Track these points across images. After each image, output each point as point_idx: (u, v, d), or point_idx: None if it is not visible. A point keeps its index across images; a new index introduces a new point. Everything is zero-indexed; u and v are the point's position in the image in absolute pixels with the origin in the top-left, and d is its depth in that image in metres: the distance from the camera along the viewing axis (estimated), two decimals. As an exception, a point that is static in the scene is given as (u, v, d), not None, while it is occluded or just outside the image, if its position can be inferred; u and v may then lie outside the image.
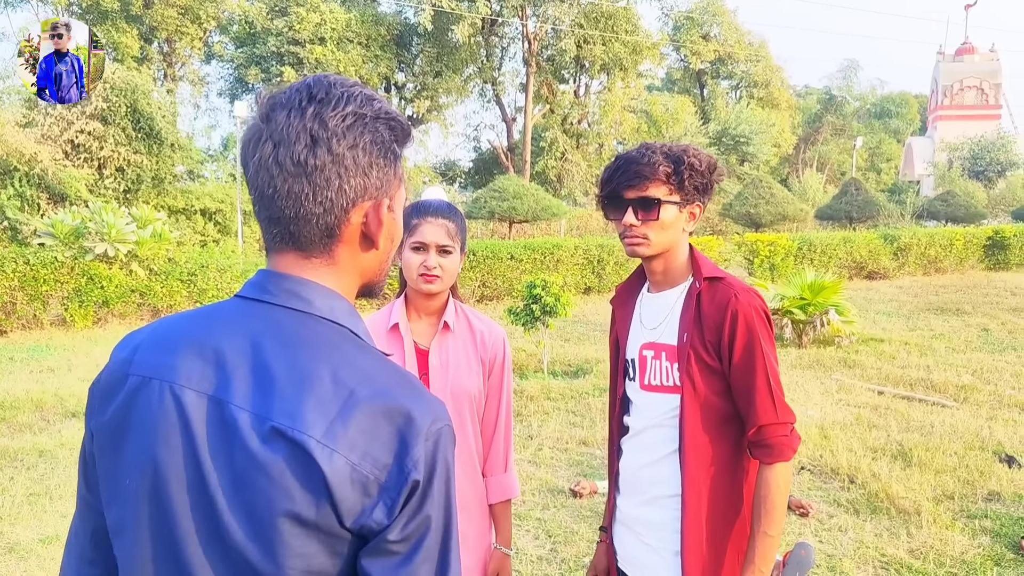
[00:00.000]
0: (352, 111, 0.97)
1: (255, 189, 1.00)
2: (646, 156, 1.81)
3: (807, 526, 4.42)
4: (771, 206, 25.56)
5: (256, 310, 0.99)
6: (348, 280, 1.04)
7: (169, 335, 1.00)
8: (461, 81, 36.70)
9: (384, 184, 1.02)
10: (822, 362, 8.87)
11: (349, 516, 0.88)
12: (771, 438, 1.78)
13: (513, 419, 2.31)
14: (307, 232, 0.99)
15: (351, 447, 0.88)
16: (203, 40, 31.90)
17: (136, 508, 0.94)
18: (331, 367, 0.93)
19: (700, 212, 1.89)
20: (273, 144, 0.96)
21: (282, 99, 0.98)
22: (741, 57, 44.63)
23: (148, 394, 0.95)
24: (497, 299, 14.64)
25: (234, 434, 0.90)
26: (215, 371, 0.94)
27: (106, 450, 0.98)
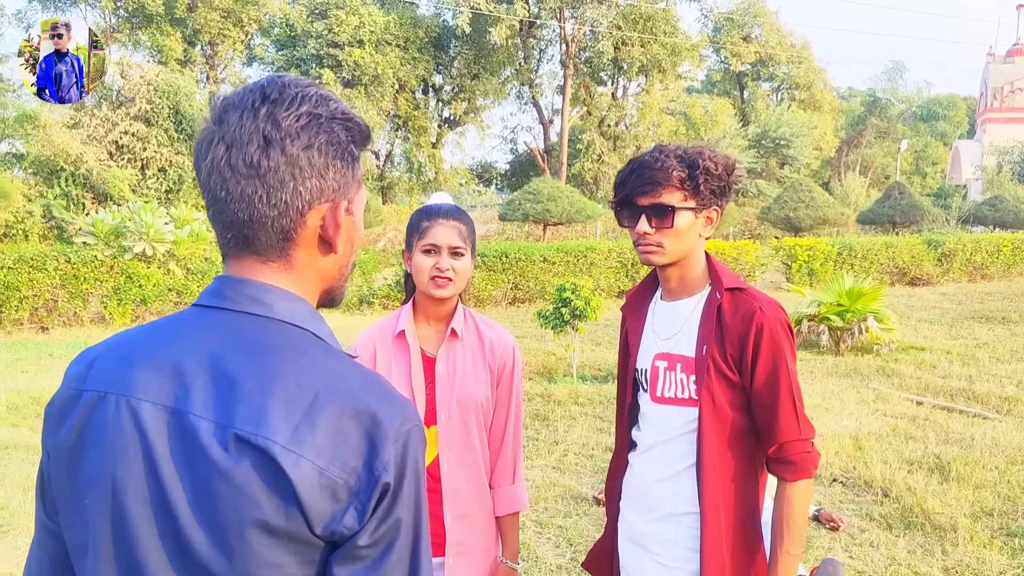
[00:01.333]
0: (307, 111, 0.94)
1: (208, 192, 0.97)
2: (659, 161, 1.74)
3: (837, 541, 4.29)
4: (811, 210, 25.10)
5: (216, 318, 0.96)
6: (307, 284, 1.01)
7: (125, 349, 0.97)
8: (498, 83, 36.76)
9: (342, 186, 0.99)
10: (859, 370, 8.65)
11: (319, 522, 0.86)
12: (793, 454, 1.72)
13: (523, 429, 2.24)
14: (262, 236, 0.96)
15: (318, 452, 0.86)
16: (245, 43, 32.38)
17: (96, 528, 0.91)
18: (295, 371, 0.90)
19: (718, 216, 1.82)
20: (225, 146, 0.93)
21: (235, 100, 0.95)
22: (783, 59, 44.00)
23: (104, 410, 0.92)
24: (529, 302, 14.58)
25: (195, 445, 0.87)
26: (173, 382, 0.90)
27: (63, 470, 0.95)
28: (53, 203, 20.42)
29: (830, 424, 6.52)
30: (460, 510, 2.10)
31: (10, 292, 11.26)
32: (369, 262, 14.59)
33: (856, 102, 54.32)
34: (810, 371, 8.74)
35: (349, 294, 13.49)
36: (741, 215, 30.97)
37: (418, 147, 34.90)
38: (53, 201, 20.51)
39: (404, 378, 2.08)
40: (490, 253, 14.62)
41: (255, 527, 0.85)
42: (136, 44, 30.95)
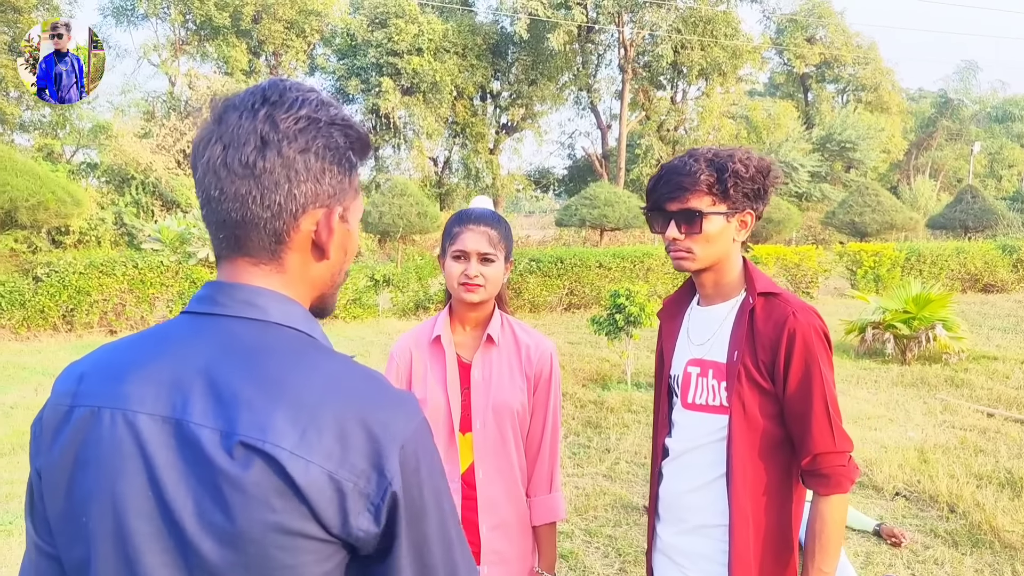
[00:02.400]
0: (305, 115, 0.94)
1: (202, 191, 0.96)
2: (688, 165, 1.70)
3: (899, 557, 4.11)
4: (877, 214, 24.41)
5: (208, 324, 0.94)
6: (299, 289, 0.99)
7: (115, 361, 0.95)
8: (556, 89, 36.73)
9: (337, 192, 0.98)
10: (926, 380, 8.34)
11: (333, 525, 0.85)
12: (827, 467, 1.64)
13: (575, 436, 2.19)
14: (254, 237, 0.95)
15: (327, 456, 0.85)
16: (307, 53, 33.05)
17: (97, 547, 0.88)
18: (296, 375, 0.89)
19: (752, 220, 1.76)
20: (223, 145, 0.92)
21: (236, 101, 0.95)
22: (849, 60, 42.91)
23: (99, 425, 0.89)
24: (585, 307, 14.49)
25: (199, 454, 0.85)
26: (169, 392, 0.88)
27: (57, 489, 0.92)
28: (124, 210, 21.17)
29: (894, 436, 6.29)
30: (496, 519, 2.06)
31: (81, 296, 11.68)
32: (425, 267, 14.68)
33: (926, 103, 52.57)
34: (874, 380, 8.47)
35: (406, 299, 13.61)
36: (804, 220, 30.28)
37: (476, 153, 35.08)
38: (124, 208, 21.27)
39: (439, 384, 2.06)
40: (545, 259, 14.58)
41: (270, 530, 0.84)
42: (204, 56, 31.86)
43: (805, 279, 16.57)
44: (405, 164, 34.79)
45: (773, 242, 22.40)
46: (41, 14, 24.91)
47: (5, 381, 8.68)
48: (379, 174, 33.86)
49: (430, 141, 34.06)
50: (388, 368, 2.14)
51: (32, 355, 10.21)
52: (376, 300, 14.03)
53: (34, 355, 10.22)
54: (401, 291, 13.98)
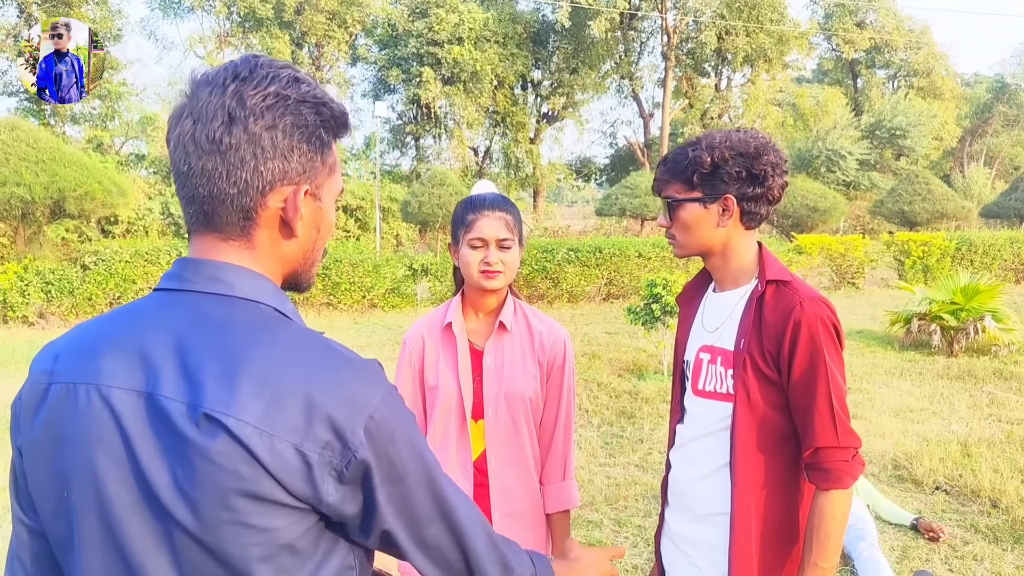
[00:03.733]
0: (274, 91, 0.93)
1: (174, 166, 0.97)
2: (675, 153, 1.71)
3: (936, 552, 4.00)
4: (928, 203, 23.76)
5: (177, 300, 0.95)
6: (269, 265, 1.00)
7: (89, 339, 0.96)
8: (598, 77, 36.42)
9: (307, 170, 0.97)
10: (973, 373, 8.10)
11: (301, 494, 0.87)
12: (828, 462, 1.60)
13: (574, 424, 2.17)
14: (222, 213, 0.95)
15: (291, 429, 0.87)
16: (349, 43, 33.24)
17: (80, 520, 0.90)
18: (261, 350, 0.89)
19: (734, 204, 1.68)
20: (192, 120, 0.93)
21: (208, 76, 0.95)
22: (900, 44, 41.77)
23: (75, 400, 0.91)
24: (623, 297, 14.39)
25: (169, 425, 0.87)
26: (141, 367, 0.90)
27: (38, 466, 0.94)
28: (170, 200, 21.58)
29: (936, 429, 6.13)
30: (509, 507, 2.05)
31: (127, 284, 11.95)
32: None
33: (981, 88, 50.97)
34: (919, 372, 8.26)
35: (444, 289, 13.65)
36: (852, 209, 29.65)
37: (516, 143, 34.99)
38: (171, 199, 21.68)
39: (451, 371, 2.05)
40: (584, 248, 14.51)
41: (241, 497, 0.85)
42: (248, 47, 32.22)
43: (851, 269, 16.23)
44: (445, 154, 34.87)
45: (819, 231, 21.95)
46: (91, 8, 25.48)
47: (53, 366, 8.92)
48: (419, 164, 34.00)
49: (470, 131, 34.06)
50: (401, 355, 2.13)
51: (80, 341, 10.48)
52: (415, 289, 14.11)
53: (82, 341, 10.49)
54: (440, 280, 14.04)
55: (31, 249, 13.26)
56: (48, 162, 12.06)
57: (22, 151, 12.03)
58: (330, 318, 12.97)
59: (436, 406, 2.04)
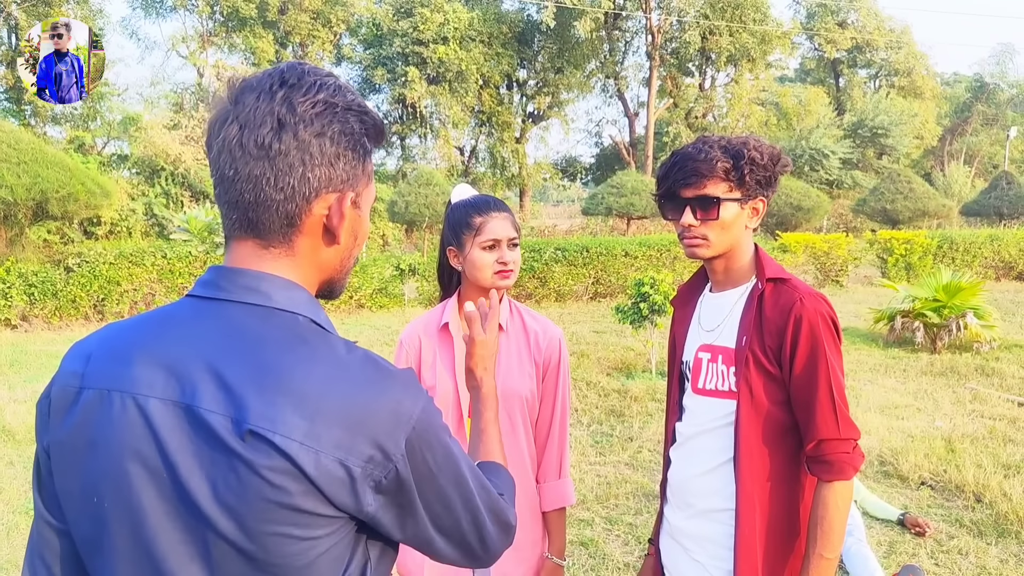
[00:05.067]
0: (323, 99, 0.94)
1: (216, 171, 0.97)
2: (703, 152, 1.69)
3: (922, 547, 4.06)
4: (909, 202, 24.00)
5: (211, 309, 0.95)
6: (307, 273, 1.00)
7: (121, 344, 0.96)
8: (583, 77, 36.53)
9: (351, 177, 0.99)
10: (956, 369, 8.20)
11: (345, 507, 0.89)
12: (830, 454, 1.63)
13: (569, 423, 2.19)
14: (266, 219, 0.96)
15: (336, 445, 0.87)
16: (334, 43, 33.17)
17: (110, 525, 0.90)
18: (300, 363, 0.90)
19: (764, 207, 1.76)
20: (239, 126, 0.93)
21: (253, 82, 0.95)
22: (881, 44, 42.16)
23: (108, 408, 0.91)
24: (611, 296, 14.44)
25: (212, 437, 0.87)
26: (178, 378, 0.90)
27: (66, 468, 0.94)
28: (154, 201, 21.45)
29: (921, 425, 6.20)
30: (506, 504, 2.07)
31: (111, 286, 11.87)
32: (451, 257, 14.73)
33: (961, 88, 51.51)
34: (902, 369, 8.35)
35: (432, 289, 13.64)
36: (835, 207, 29.87)
37: (502, 142, 35.02)
38: (154, 199, 21.55)
39: (448, 370, 2.06)
40: (571, 247, 14.54)
41: (286, 510, 0.87)
42: (231, 47, 32.10)
43: (835, 267, 16.37)
44: (431, 154, 34.85)
45: (803, 230, 22.12)
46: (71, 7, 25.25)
47: (38, 370, 8.86)
48: (405, 164, 33.95)
49: (456, 130, 34.05)
50: (397, 355, 2.14)
51: (64, 344, 10.39)
52: (402, 290, 14.09)
53: (66, 344, 10.41)
54: (427, 280, 14.03)
55: (13, 251, 13.14)
56: (30, 163, 11.95)
57: (3, 152, 11.91)
58: (317, 319, 12.93)
59: (433, 406, 2.06)
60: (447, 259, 2.14)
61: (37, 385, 7.98)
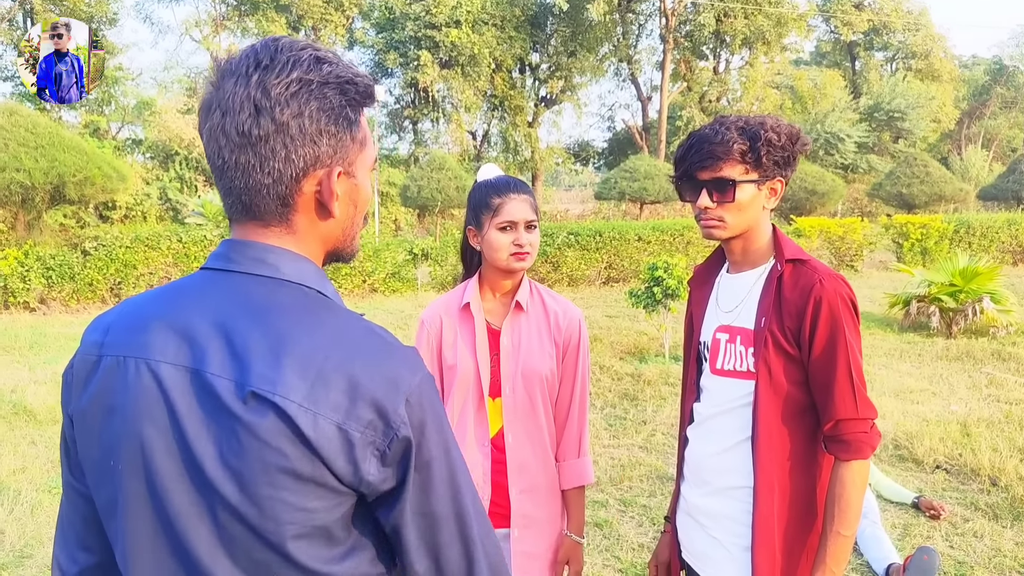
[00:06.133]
0: (297, 77, 0.94)
1: (209, 159, 0.99)
2: (719, 133, 1.69)
3: (937, 530, 4.07)
4: (926, 186, 23.82)
5: (223, 280, 0.97)
6: (311, 246, 1.02)
7: (139, 314, 0.99)
8: (596, 60, 36.31)
9: (337, 151, 0.99)
10: (972, 354, 8.17)
11: (343, 474, 0.89)
12: (849, 434, 1.64)
13: (589, 403, 2.21)
14: (260, 203, 0.97)
15: (335, 408, 0.89)
16: (346, 27, 33.08)
17: (126, 488, 0.93)
18: (306, 331, 0.92)
19: (782, 188, 1.76)
20: (221, 112, 0.94)
21: (232, 66, 0.96)
22: (898, 26, 41.68)
23: (124, 373, 0.94)
24: (623, 281, 14.43)
25: (217, 401, 0.89)
26: (189, 344, 0.92)
27: (87, 434, 0.97)
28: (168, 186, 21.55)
29: (936, 409, 6.19)
30: (525, 483, 2.09)
31: (128, 269, 11.96)
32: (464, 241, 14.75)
33: (979, 70, 50.88)
34: (918, 354, 8.32)
35: (444, 273, 13.67)
36: (850, 192, 29.67)
37: (514, 127, 34.91)
38: (168, 184, 21.64)
39: (469, 350, 2.09)
40: (584, 232, 14.52)
41: (283, 474, 0.88)
42: (244, 31, 32.10)
43: (849, 252, 16.28)
44: (444, 138, 34.83)
45: (817, 214, 21.99)
46: (86, -8, 25.28)
47: (56, 352, 8.96)
48: (417, 148, 33.92)
49: (468, 115, 33.97)
50: (419, 334, 2.17)
51: (81, 327, 10.47)
52: (415, 274, 14.13)
53: (83, 327, 10.45)
54: (440, 265, 14.07)
55: (31, 235, 13.26)
56: (47, 147, 12.03)
57: (21, 136, 12.00)
58: (331, 302, 13.00)
59: (454, 384, 2.08)
60: (469, 239, 2.16)
61: (56, 366, 8.08)
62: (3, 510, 4.40)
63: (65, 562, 1.04)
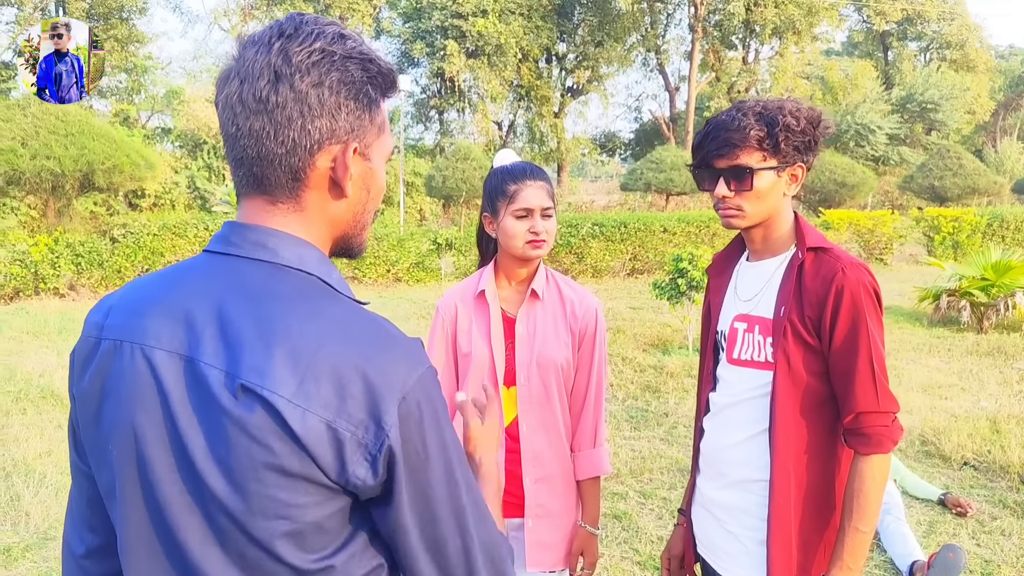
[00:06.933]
0: (320, 47, 0.92)
1: (223, 128, 0.96)
2: (736, 120, 1.65)
3: (963, 527, 3.99)
4: (959, 178, 23.39)
5: (223, 264, 0.95)
6: (318, 229, 0.99)
7: (138, 297, 0.97)
8: (623, 50, 36.03)
9: (356, 128, 0.96)
10: (1003, 349, 8.01)
11: (331, 471, 0.86)
12: (869, 427, 1.59)
13: (605, 393, 2.18)
14: (270, 174, 0.94)
15: (325, 405, 0.85)
16: (373, 16, 33.11)
17: (121, 473, 0.92)
18: (300, 319, 0.88)
19: (803, 174, 1.71)
20: (240, 80, 0.92)
21: (255, 36, 0.94)
22: (932, 16, 40.92)
23: (120, 358, 0.92)
24: (648, 272, 14.34)
25: (207, 392, 0.87)
26: (184, 330, 0.90)
27: (87, 417, 0.96)
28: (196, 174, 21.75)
29: (965, 405, 6.08)
30: (540, 472, 2.07)
31: (156, 257, 12.09)
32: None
33: (1016, 61, 49.83)
34: (947, 349, 8.18)
35: (468, 263, 13.67)
36: (881, 184, 29.23)
37: (540, 117, 34.78)
38: (196, 172, 21.84)
39: (484, 338, 2.06)
40: (608, 223, 14.44)
41: (270, 471, 0.85)
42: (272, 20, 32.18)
43: (879, 245, 16.05)
44: (469, 128, 34.78)
45: (847, 207, 21.69)
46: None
47: (85, 337, 9.08)
48: (443, 138, 33.91)
49: (494, 105, 33.88)
50: (434, 322, 2.15)
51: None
52: (439, 264, 14.15)
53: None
54: (463, 255, 14.06)
55: (61, 222, 13.44)
56: (77, 135, 12.18)
57: (51, 124, 12.15)
58: (355, 291, 13.02)
59: (469, 372, 2.06)
60: (484, 226, 2.14)
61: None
62: (29, 492, 4.47)
63: (74, 542, 1.04)
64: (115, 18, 27.65)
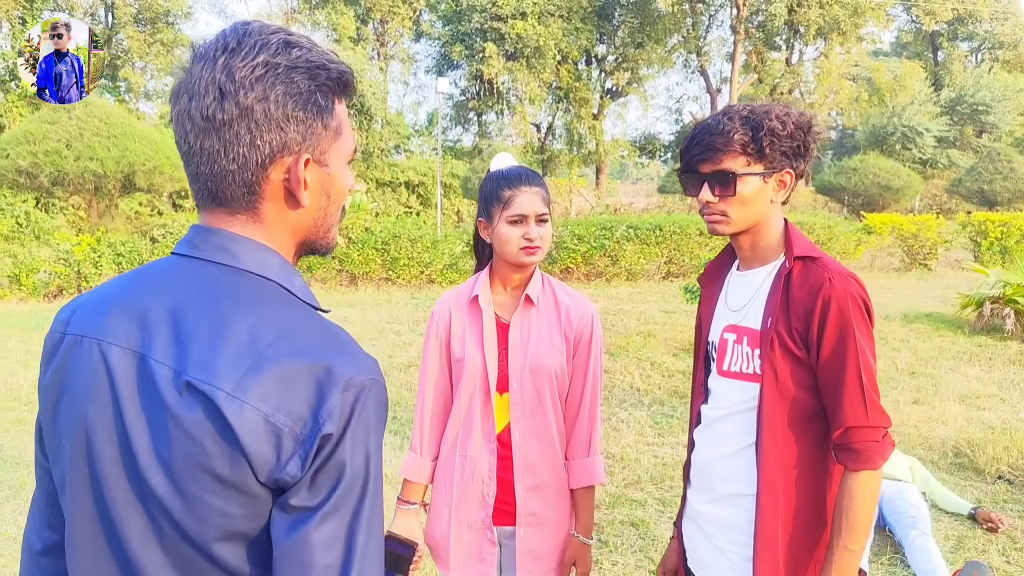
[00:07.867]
0: (263, 61, 0.91)
1: (177, 144, 0.97)
2: (721, 124, 1.61)
3: (993, 543, 3.85)
4: (1009, 182, 22.79)
5: (186, 266, 0.96)
6: (279, 237, 0.99)
7: (103, 295, 0.99)
8: (664, 52, 35.74)
9: (307, 137, 0.95)
10: (1048, 359, 7.74)
11: (263, 470, 0.85)
12: (858, 442, 1.54)
13: (601, 400, 2.14)
14: (226, 189, 0.95)
15: (264, 398, 0.85)
16: (413, 19, 33.34)
17: (72, 467, 0.93)
18: (251, 321, 0.89)
19: (792, 180, 1.66)
20: (188, 96, 0.93)
21: (202, 50, 0.94)
22: (985, 15, 39.92)
23: (79, 352, 0.94)
24: (683, 276, 14.17)
25: (155, 389, 0.88)
26: (140, 328, 0.92)
27: (47, 410, 0.98)
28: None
29: (1003, 416, 5.88)
30: (532, 480, 2.04)
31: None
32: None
33: (1073, 61, 48.31)
34: (988, 358, 7.93)
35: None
36: (928, 188, 28.56)
37: (579, 119, 34.65)
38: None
39: (477, 344, 2.04)
40: (644, 226, 14.31)
41: (204, 473, 0.86)
42: (314, 24, 32.63)
43: (923, 250, 15.67)
44: (507, 130, 34.78)
45: (891, 211, 21.22)
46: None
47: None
48: (481, 140, 34.00)
49: (533, 107, 33.86)
50: (428, 326, 2.13)
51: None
52: (472, 266, 14.16)
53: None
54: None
55: (104, 222, 13.75)
56: (119, 137, 12.46)
57: (95, 126, 12.45)
58: (388, 292, 13.13)
59: (462, 378, 2.04)
60: (479, 231, 2.11)
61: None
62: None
63: (33, 539, 1.05)
64: (161, 23, 28.31)
